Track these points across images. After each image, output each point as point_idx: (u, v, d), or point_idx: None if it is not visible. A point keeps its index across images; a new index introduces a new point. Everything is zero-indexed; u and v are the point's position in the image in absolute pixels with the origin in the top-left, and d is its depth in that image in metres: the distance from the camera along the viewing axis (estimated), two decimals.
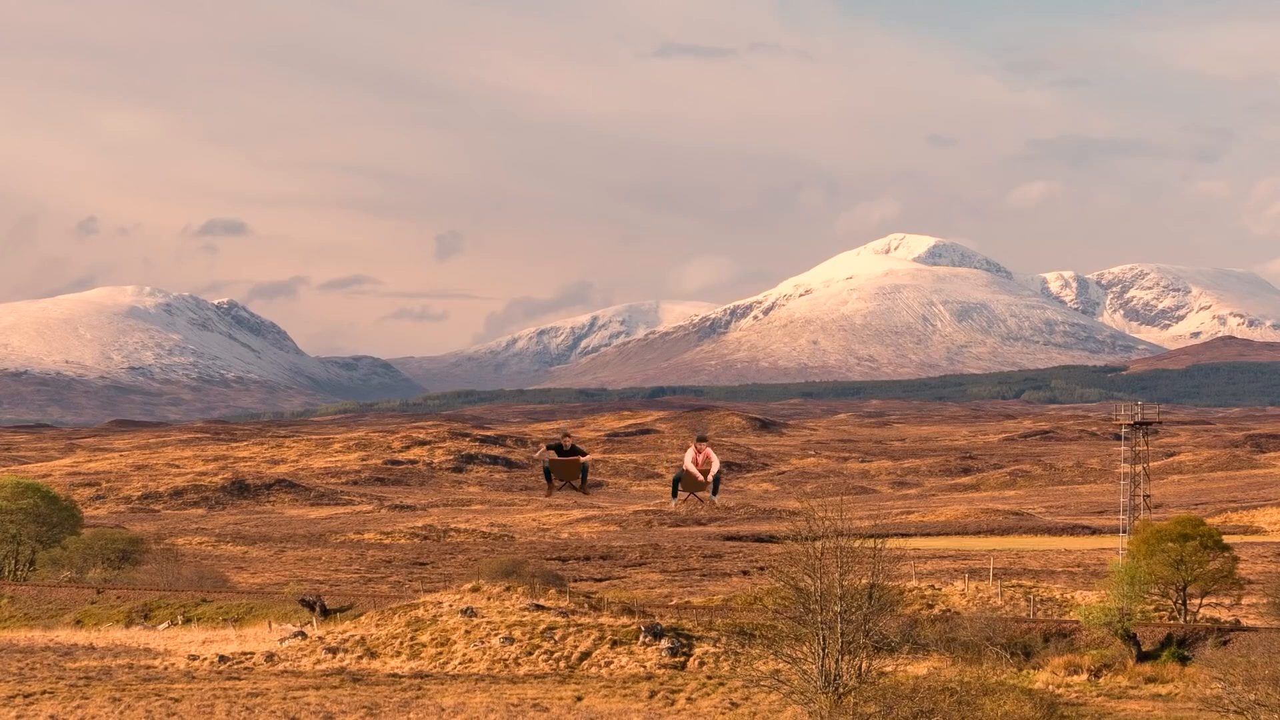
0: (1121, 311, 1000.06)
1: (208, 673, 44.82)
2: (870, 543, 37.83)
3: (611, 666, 46.66)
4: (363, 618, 53.89)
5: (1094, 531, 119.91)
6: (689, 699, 41.08)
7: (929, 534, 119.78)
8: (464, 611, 51.45)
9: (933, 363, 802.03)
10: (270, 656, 47.37)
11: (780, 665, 36.47)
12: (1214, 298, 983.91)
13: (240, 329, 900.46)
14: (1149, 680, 44.86)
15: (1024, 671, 45.99)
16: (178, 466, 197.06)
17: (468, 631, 49.46)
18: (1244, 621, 54.49)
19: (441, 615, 51.50)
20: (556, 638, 48.57)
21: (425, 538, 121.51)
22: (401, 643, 49.25)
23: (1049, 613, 57.90)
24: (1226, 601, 58.19)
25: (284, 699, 39.19)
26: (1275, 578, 64.01)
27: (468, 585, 55.74)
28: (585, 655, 47.57)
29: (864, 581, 36.91)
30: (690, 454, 32.51)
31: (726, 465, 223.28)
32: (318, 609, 58.11)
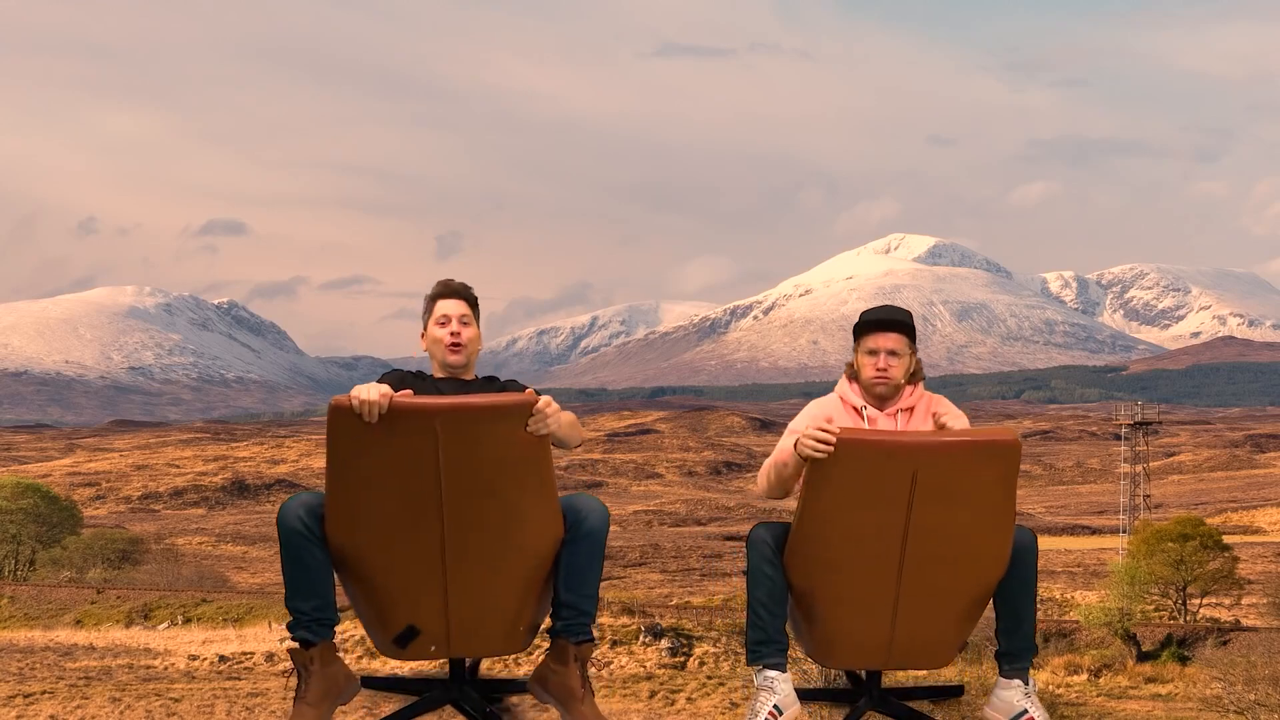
0: (1121, 311, 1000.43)
1: (208, 673, 44.89)
2: None
3: (611, 666, 46.71)
4: None
5: (1094, 531, 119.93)
6: (689, 699, 41.13)
7: None
8: None
9: (933, 363, 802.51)
10: (270, 656, 47.39)
11: None
12: (1214, 298, 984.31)
13: (240, 329, 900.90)
14: (1149, 680, 44.88)
15: None
16: (178, 466, 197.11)
17: None
18: (1244, 621, 54.51)
19: None
20: None
21: None
22: None
23: (1049, 613, 57.91)
24: (1226, 601, 58.21)
25: (284, 699, 39.14)
26: (1275, 578, 64.04)
27: None
28: None
29: None
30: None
31: (726, 465, 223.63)
32: None
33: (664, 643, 48.21)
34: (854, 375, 4.91)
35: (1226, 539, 58.96)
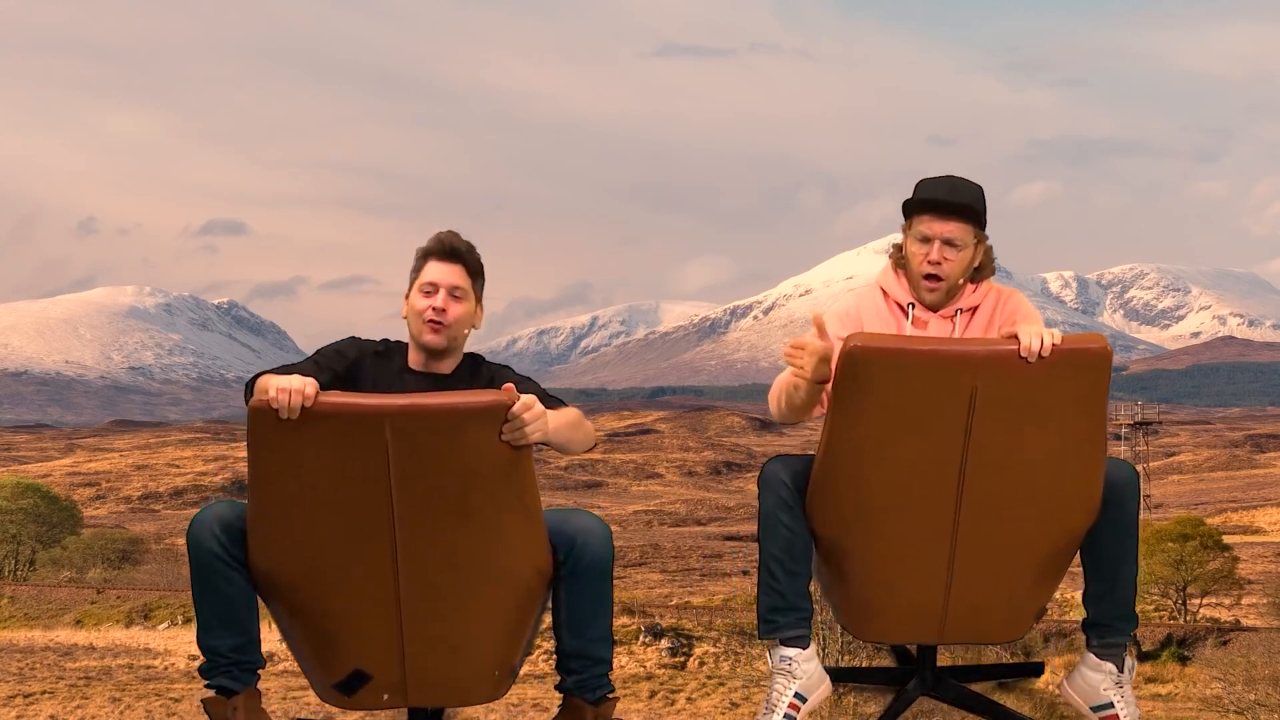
0: (1121, 311, 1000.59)
1: None
2: None
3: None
4: None
5: None
6: (689, 699, 41.14)
7: None
8: None
9: None
10: (270, 656, 47.38)
11: None
12: (1214, 298, 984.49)
13: (240, 329, 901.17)
14: (1149, 680, 44.86)
15: None
16: (178, 466, 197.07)
17: None
18: (1244, 621, 54.51)
19: None
20: None
21: None
22: None
23: (1049, 613, 57.94)
24: (1226, 601, 58.21)
25: (284, 699, 39.19)
26: (1275, 578, 64.05)
27: None
28: None
29: None
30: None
31: (726, 465, 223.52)
32: None
33: (664, 643, 48.19)
34: (901, 263, 3.75)
35: (1226, 539, 59.01)
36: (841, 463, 3.41)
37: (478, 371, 3.59)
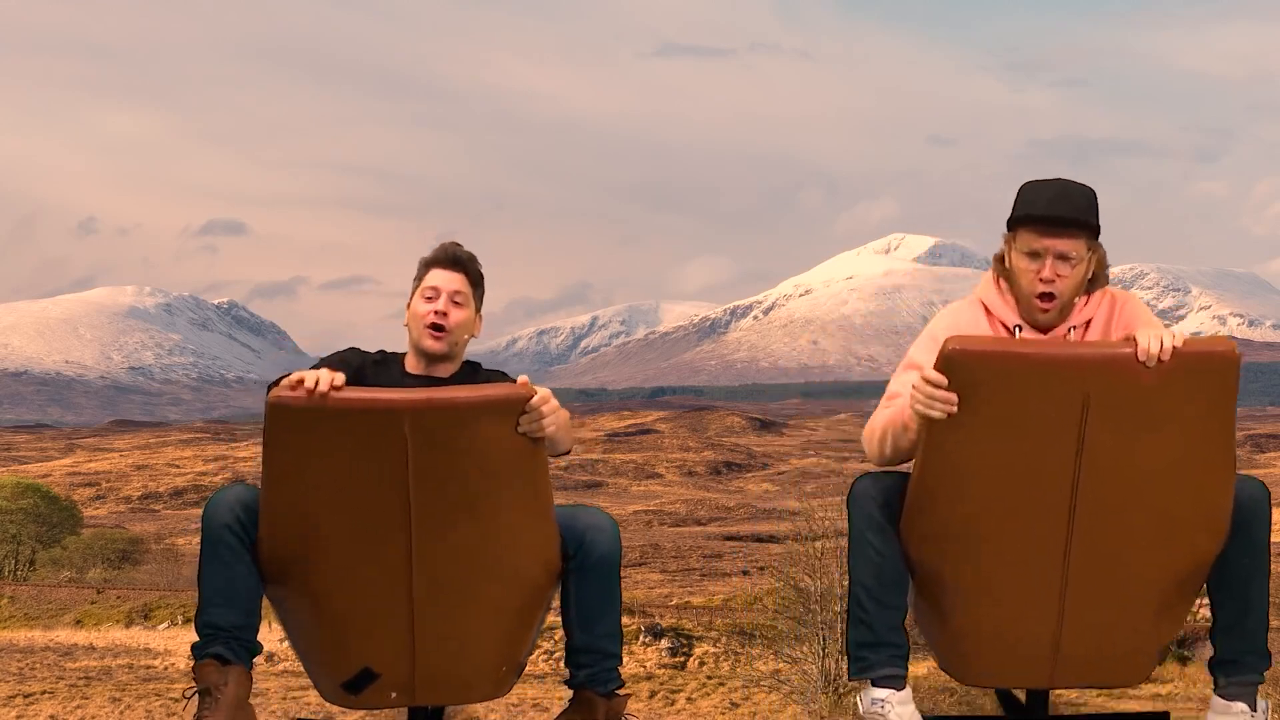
0: None
1: None
2: None
3: None
4: None
5: None
6: (689, 699, 41.17)
7: None
8: None
9: None
10: (270, 656, 47.38)
11: (780, 665, 36.43)
12: (1214, 298, 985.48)
13: (240, 329, 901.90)
14: (1149, 680, 44.87)
15: None
16: (178, 466, 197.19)
17: None
18: None
19: None
20: (557, 638, 48.59)
21: None
22: None
23: None
24: None
25: (284, 699, 39.19)
26: (1275, 578, 64.00)
27: None
28: None
29: None
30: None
31: (726, 465, 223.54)
32: None
33: (664, 643, 48.20)
34: (1005, 275, 3.32)
35: None
36: (940, 478, 3.07)
37: (475, 377, 3.68)
